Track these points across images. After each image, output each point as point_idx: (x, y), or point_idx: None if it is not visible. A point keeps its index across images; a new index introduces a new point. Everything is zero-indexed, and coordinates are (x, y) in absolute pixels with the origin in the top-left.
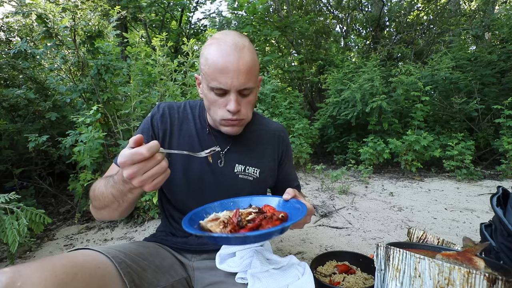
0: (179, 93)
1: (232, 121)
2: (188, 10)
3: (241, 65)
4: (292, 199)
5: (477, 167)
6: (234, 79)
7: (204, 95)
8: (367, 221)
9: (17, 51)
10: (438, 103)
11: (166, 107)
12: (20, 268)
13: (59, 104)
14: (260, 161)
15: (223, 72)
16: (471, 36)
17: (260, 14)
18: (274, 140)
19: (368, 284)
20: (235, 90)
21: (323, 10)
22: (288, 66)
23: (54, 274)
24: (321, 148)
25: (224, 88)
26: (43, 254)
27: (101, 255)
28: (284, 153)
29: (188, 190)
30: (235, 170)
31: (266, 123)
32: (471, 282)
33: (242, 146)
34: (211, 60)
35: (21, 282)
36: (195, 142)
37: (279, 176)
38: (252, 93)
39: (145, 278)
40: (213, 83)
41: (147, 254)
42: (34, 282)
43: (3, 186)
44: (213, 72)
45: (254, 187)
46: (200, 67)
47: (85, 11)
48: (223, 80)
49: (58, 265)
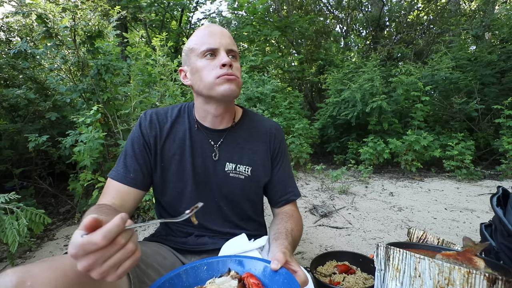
0: (179, 93)
1: (227, 76)
2: (188, 10)
3: (224, 31)
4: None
5: (477, 167)
6: (221, 39)
7: (194, 72)
8: (367, 221)
9: (17, 51)
10: (438, 103)
11: (153, 113)
12: (29, 268)
13: (59, 104)
14: (251, 159)
15: (211, 35)
16: (471, 36)
17: (260, 14)
18: (266, 137)
19: (368, 284)
20: (224, 48)
21: (323, 10)
22: (288, 66)
23: (64, 274)
24: (321, 148)
25: (214, 47)
26: (43, 254)
27: None
28: (277, 151)
29: (180, 192)
30: (225, 169)
31: (259, 120)
32: (471, 282)
33: (233, 144)
34: (198, 34)
35: (31, 281)
36: (186, 144)
37: (272, 177)
38: (237, 61)
39: (148, 275)
40: (203, 47)
41: (149, 252)
42: (44, 281)
43: (3, 186)
44: (201, 39)
45: (246, 185)
46: (186, 50)
47: (85, 11)
48: (212, 41)
49: (67, 265)
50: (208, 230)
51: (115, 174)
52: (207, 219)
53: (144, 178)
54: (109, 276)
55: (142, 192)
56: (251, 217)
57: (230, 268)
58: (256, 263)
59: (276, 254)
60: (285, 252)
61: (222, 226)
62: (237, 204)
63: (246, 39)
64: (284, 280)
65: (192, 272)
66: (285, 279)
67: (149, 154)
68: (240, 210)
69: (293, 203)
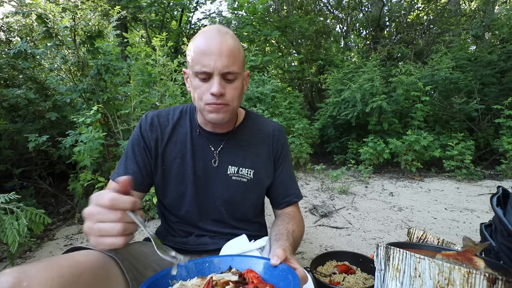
0: (179, 93)
1: (215, 105)
2: (188, 10)
3: (223, 47)
4: (281, 265)
5: (477, 167)
6: (217, 61)
7: (191, 86)
8: (367, 221)
9: (17, 51)
10: (438, 103)
11: (154, 115)
12: (26, 268)
13: (59, 104)
14: (254, 162)
15: (206, 54)
16: (471, 36)
17: (260, 14)
18: (269, 139)
19: (368, 284)
20: (218, 73)
21: (323, 10)
22: (288, 66)
23: (60, 275)
24: (321, 148)
25: (207, 71)
26: (43, 254)
27: (104, 254)
28: (280, 152)
29: (180, 195)
30: (228, 172)
31: (262, 122)
32: (471, 282)
33: (235, 147)
34: (195, 45)
35: (27, 282)
36: (187, 148)
37: (275, 179)
38: (237, 80)
39: (146, 276)
40: (197, 67)
41: (148, 252)
42: (40, 282)
43: (3, 186)
44: (196, 56)
45: (249, 188)
46: (187, 58)
47: (85, 11)
48: (206, 62)
49: (64, 266)
50: (209, 231)
51: (115, 176)
52: (208, 222)
53: (144, 180)
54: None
55: (142, 194)
56: (251, 219)
57: (231, 266)
58: (256, 260)
59: (276, 250)
60: (285, 249)
61: (223, 228)
62: (238, 207)
63: (246, 39)
64: (284, 273)
65: (195, 267)
66: (285, 273)
67: (149, 157)
68: (241, 214)
69: (295, 205)
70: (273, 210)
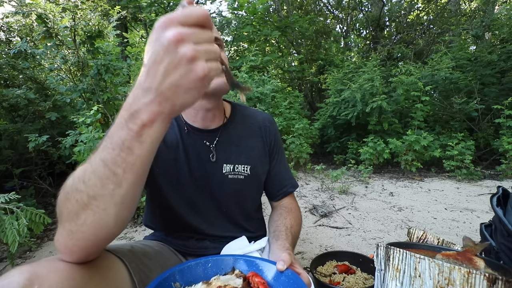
0: None
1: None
2: None
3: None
4: (287, 270)
5: (477, 167)
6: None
7: None
8: (367, 221)
9: (17, 51)
10: (438, 103)
11: None
12: (36, 269)
13: (59, 104)
14: (249, 157)
15: None
16: (471, 36)
17: (260, 14)
18: (260, 131)
19: (368, 284)
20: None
21: (323, 10)
22: (288, 66)
23: (71, 277)
24: (321, 148)
25: None
26: (43, 254)
27: (112, 255)
28: (273, 144)
29: (177, 196)
30: (223, 171)
31: (250, 114)
32: (471, 282)
33: (228, 143)
34: None
35: (38, 284)
36: (179, 149)
37: (270, 171)
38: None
39: (152, 278)
40: None
41: (153, 253)
42: (51, 284)
43: (3, 186)
44: None
45: (247, 185)
46: None
47: (85, 11)
48: None
49: (74, 268)
50: (209, 235)
51: None
52: (207, 223)
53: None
54: (199, 61)
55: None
56: (251, 215)
57: (235, 267)
58: (260, 263)
59: (282, 255)
60: (290, 253)
61: (223, 230)
62: (237, 205)
63: (246, 39)
64: (290, 281)
65: (197, 268)
66: (291, 280)
67: None
68: (240, 211)
69: (291, 195)
70: (269, 202)
